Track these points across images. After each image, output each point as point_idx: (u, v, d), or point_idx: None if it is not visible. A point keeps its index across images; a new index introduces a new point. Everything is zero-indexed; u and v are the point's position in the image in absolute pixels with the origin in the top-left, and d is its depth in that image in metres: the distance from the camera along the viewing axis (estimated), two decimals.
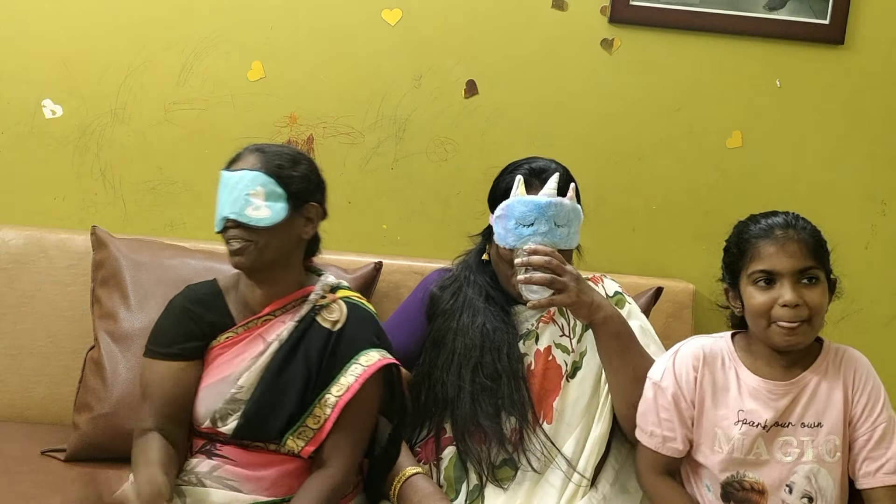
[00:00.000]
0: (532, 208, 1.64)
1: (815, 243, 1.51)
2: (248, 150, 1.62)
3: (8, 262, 2.15)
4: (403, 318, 1.85)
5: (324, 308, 1.65)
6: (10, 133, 2.33)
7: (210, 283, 1.71)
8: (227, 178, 1.57)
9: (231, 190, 1.56)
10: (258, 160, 1.59)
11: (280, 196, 1.57)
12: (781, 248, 1.49)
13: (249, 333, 1.63)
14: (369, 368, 1.59)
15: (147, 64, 2.33)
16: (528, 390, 1.69)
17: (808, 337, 1.52)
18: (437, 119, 2.37)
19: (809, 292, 1.49)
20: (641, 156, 2.41)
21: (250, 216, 1.55)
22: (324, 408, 1.59)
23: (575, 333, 1.77)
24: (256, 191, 1.55)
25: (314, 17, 2.33)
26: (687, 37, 2.37)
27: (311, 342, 1.62)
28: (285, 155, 1.62)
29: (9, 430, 2.02)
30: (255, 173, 1.56)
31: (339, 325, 1.64)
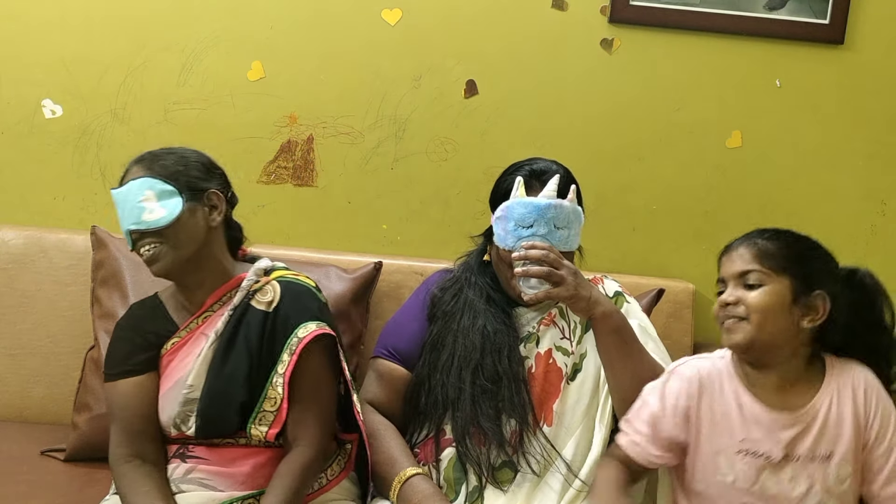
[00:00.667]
0: (531, 210, 1.64)
1: (774, 249, 1.46)
2: (132, 163, 1.63)
3: (8, 262, 2.15)
4: (405, 319, 1.85)
5: (257, 292, 1.65)
6: (10, 133, 2.33)
7: (151, 297, 1.73)
8: (118, 194, 1.58)
9: (124, 204, 1.57)
10: (141, 168, 1.60)
11: (172, 192, 1.58)
12: (728, 256, 1.50)
13: (192, 334, 1.64)
14: (305, 339, 1.60)
15: (147, 64, 2.33)
16: (528, 393, 1.69)
17: (748, 336, 1.44)
18: (437, 119, 2.37)
19: (749, 293, 1.45)
20: (641, 156, 2.41)
21: (147, 220, 1.56)
22: (276, 388, 1.60)
23: (575, 335, 1.77)
24: (146, 195, 1.56)
25: (314, 17, 2.33)
26: (687, 37, 2.37)
27: (249, 327, 1.62)
28: (168, 155, 1.64)
29: (9, 430, 2.02)
30: (141, 180, 1.57)
31: (273, 304, 1.64)
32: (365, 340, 2.16)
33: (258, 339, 1.61)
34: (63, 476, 1.85)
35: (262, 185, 2.38)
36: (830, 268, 1.49)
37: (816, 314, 1.46)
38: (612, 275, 2.00)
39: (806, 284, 1.45)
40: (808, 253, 1.49)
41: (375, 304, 2.20)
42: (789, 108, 2.41)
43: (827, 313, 1.46)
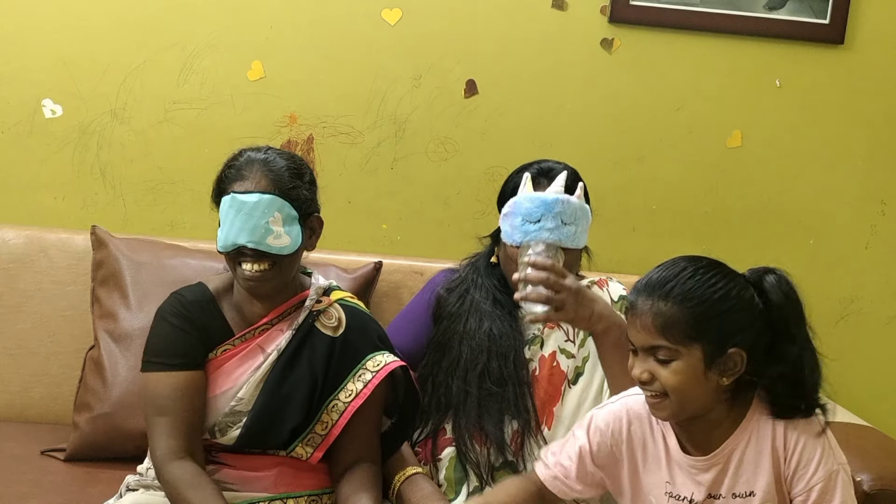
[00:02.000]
0: (538, 204, 1.62)
1: (679, 319, 1.30)
2: (253, 166, 1.55)
3: (8, 262, 2.14)
4: (409, 319, 1.85)
5: (321, 313, 1.63)
6: (10, 133, 2.33)
7: (199, 288, 1.64)
8: (240, 202, 1.50)
9: (247, 217, 1.49)
10: (269, 180, 1.52)
11: (294, 218, 1.53)
12: (633, 322, 1.35)
13: (248, 344, 1.59)
14: (379, 373, 1.59)
15: (147, 64, 2.33)
16: (531, 396, 1.69)
17: (673, 412, 1.35)
18: (437, 119, 2.37)
19: (661, 369, 1.32)
20: (641, 156, 2.41)
21: (272, 245, 1.50)
22: (331, 413, 1.57)
23: (578, 338, 1.77)
24: (275, 217, 1.50)
25: (314, 17, 2.33)
26: (687, 37, 2.37)
27: (313, 350, 1.59)
28: (291, 168, 1.57)
29: (9, 430, 2.02)
30: (271, 198, 1.50)
31: (340, 330, 1.61)
32: None
33: (324, 364, 1.58)
34: (63, 476, 1.85)
35: None
36: (743, 317, 1.33)
37: (734, 369, 1.33)
38: (612, 275, 1.99)
39: (719, 346, 1.31)
40: (717, 311, 1.32)
41: (375, 303, 2.20)
42: (789, 108, 2.41)
43: (744, 365, 1.33)
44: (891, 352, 2.40)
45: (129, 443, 1.89)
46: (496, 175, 2.37)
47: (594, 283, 1.83)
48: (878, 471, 1.76)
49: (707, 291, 1.32)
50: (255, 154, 1.58)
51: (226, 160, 1.60)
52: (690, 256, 1.39)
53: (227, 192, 1.53)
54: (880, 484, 1.75)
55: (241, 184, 1.53)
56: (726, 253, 2.49)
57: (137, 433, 1.89)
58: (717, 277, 1.34)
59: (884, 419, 2.21)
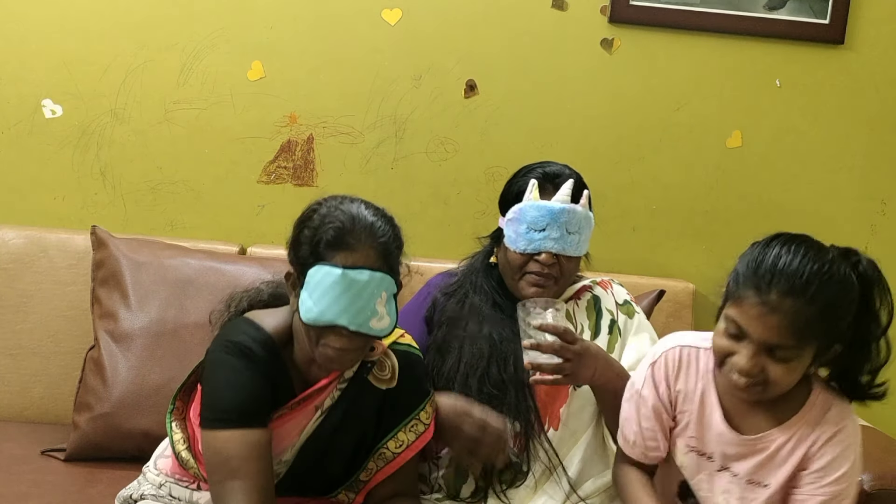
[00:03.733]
0: (545, 213, 1.63)
1: (814, 321, 1.27)
2: (362, 235, 1.38)
3: (8, 262, 2.15)
4: (405, 322, 1.80)
5: (375, 365, 1.50)
6: (10, 133, 2.33)
7: (260, 335, 1.42)
8: (350, 280, 1.34)
9: (356, 297, 1.34)
10: (378, 255, 1.38)
11: (395, 294, 1.41)
12: (762, 317, 1.28)
13: (306, 405, 1.45)
14: (431, 427, 1.52)
15: (147, 64, 2.33)
16: (532, 398, 1.67)
17: (762, 397, 1.36)
18: (437, 119, 2.37)
19: (774, 366, 1.30)
20: (641, 156, 2.41)
21: (375, 328, 1.37)
22: (378, 461, 1.51)
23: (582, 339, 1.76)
24: (381, 298, 1.37)
25: (314, 17, 2.33)
26: (687, 37, 2.37)
27: (364, 404, 1.48)
28: (395, 235, 1.44)
29: (9, 430, 2.02)
30: (381, 276, 1.37)
31: (393, 382, 1.50)
32: None
33: (374, 416, 1.49)
34: (63, 476, 1.85)
35: (262, 185, 2.38)
36: (853, 313, 1.32)
37: (826, 363, 1.37)
38: (613, 275, 1.99)
39: (828, 345, 1.33)
40: (844, 314, 1.31)
41: None
42: (789, 108, 2.41)
43: (835, 357, 1.35)
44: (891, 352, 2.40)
45: (129, 443, 1.89)
46: (496, 175, 2.37)
47: (597, 284, 1.82)
48: (878, 471, 1.77)
49: (844, 297, 1.30)
50: (361, 216, 1.40)
51: (319, 214, 1.40)
52: (808, 241, 1.34)
53: (326, 260, 1.35)
54: (880, 484, 1.76)
55: (349, 255, 1.36)
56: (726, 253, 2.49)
57: (137, 433, 1.89)
58: (843, 277, 1.30)
59: (884, 419, 2.21)
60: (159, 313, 2.00)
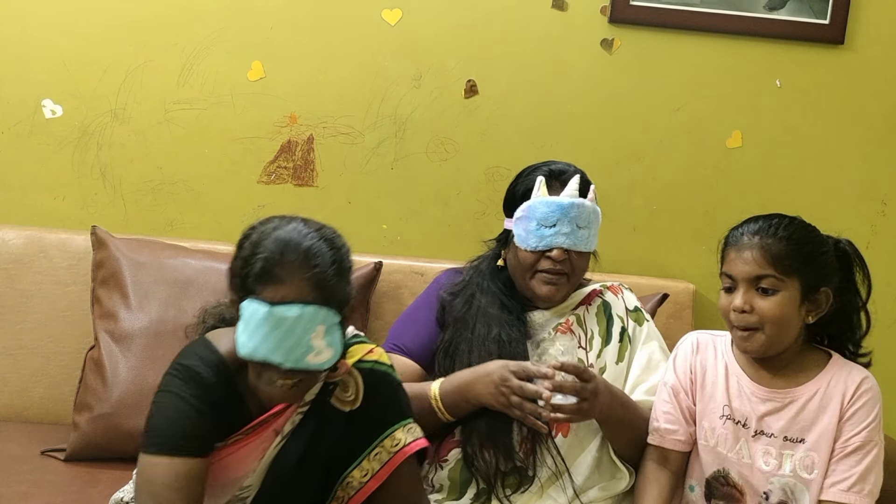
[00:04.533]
0: (555, 209, 1.64)
1: (785, 251, 1.47)
2: (293, 266, 1.28)
3: (8, 262, 2.15)
4: (413, 318, 1.82)
5: (337, 386, 1.42)
6: (10, 133, 2.33)
7: (213, 358, 1.36)
8: (279, 316, 1.26)
9: (287, 334, 1.26)
10: (312, 286, 1.28)
11: (337, 325, 1.31)
12: (739, 255, 1.48)
13: (264, 430, 1.38)
14: (396, 456, 1.42)
15: (147, 64, 2.33)
16: None
17: (764, 345, 1.48)
18: (437, 119, 2.37)
19: (761, 301, 1.46)
20: (641, 156, 2.41)
21: (312, 363, 1.28)
22: (347, 489, 1.43)
23: (592, 346, 1.74)
24: (317, 332, 1.27)
25: (314, 17, 2.33)
26: (687, 37, 2.37)
27: (327, 427, 1.40)
28: (336, 261, 1.32)
29: (9, 430, 2.02)
30: (315, 309, 1.27)
31: (357, 403, 1.41)
32: None
33: (339, 439, 1.41)
34: (63, 476, 1.85)
35: (262, 185, 2.38)
36: (833, 262, 1.52)
37: (820, 309, 1.50)
38: (613, 275, 1.99)
39: (813, 283, 1.48)
40: (817, 251, 1.50)
41: (375, 303, 2.20)
42: (789, 108, 2.41)
43: (829, 306, 1.49)
44: (891, 352, 2.40)
45: (130, 443, 1.88)
46: (496, 175, 2.37)
47: (608, 289, 1.81)
48: None
49: (808, 235, 1.51)
50: (293, 243, 1.31)
51: (250, 242, 1.34)
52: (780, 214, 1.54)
53: (255, 294, 1.28)
54: None
55: (276, 289, 1.27)
56: None
57: (137, 433, 1.86)
58: (811, 227, 1.53)
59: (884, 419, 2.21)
60: (159, 313, 2.00)
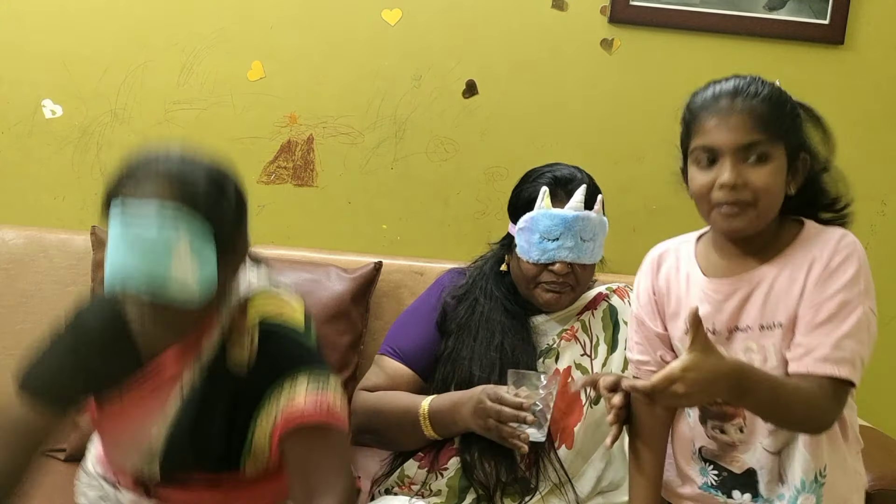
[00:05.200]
0: (558, 222, 1.60)
1: (771, 113, 1.29)
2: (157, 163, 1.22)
3: (8, 262, 2.15)
4: (413, 320, 1.79)
5: (233, 344, 1.31)
6: (10, 133, 2.33)
7: (112, 308, 1.30)
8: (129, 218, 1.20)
9: (137, 242, 1.17)
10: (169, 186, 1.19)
11: (208, 253, 1.21)
12: (723, 121, 1.29)
13: (162, 378, 1.32)
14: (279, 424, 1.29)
15: (147, 64, 2.33)
16: None
17: (754, 222, 1.31)
18: (437, 119, 2.37)
19: (754, 172, 1.28)
20: (641, 156, 2.41)
21: (174, 293, 1.19)
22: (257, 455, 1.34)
23: (597, 353, 1.70)
24: (180, 247, 1.17)
25: (314, 17, 2.33)
26: (687, 37, 2.37)
27: (222, 388, 1.31)
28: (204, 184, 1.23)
29: None
30: (175, 210, 1.19)
31: (249, 364, 1.30)
32: (365, 340, 2.16)
33: (231, 401, 1.31)
34: (63, 476, 1.84)
35: (262, 185, 2.38)
36: (798, 122, 1.35)
37: (798, 177, 1.34)
38: (613, 275, 1.99)
39: (795, 148, 1.33)
40: (795, 111, 1.35)
41: (375, 303, 2.20)
42: None
43: (805, 173, 1.34)
44: (891, 351, 2.40)
45: None
46: (496, 175, 2.37)
47: (614, 292, 1.78)
48: (878, 471, 1.76)
49: (783, 93, 1.34)
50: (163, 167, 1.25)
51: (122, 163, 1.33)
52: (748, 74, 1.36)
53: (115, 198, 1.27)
54: (880, 484, 1.75)
55: (135, 188, 1.24)
56: None
57: None
58: (773, 84, 1.35)
59: (884, 419, 2.21)
60: None
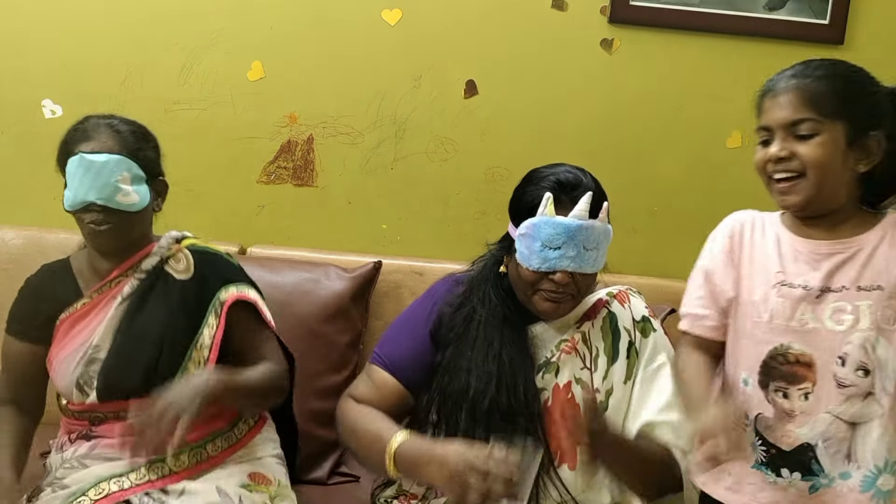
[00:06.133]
0: (561, 231, 1.52)
1: (826, 92, 1.34)
2: (99, 128, 1.60)
3: (8, 262, 2.15)
4: (406, 330, 1.72)
5: (170, 258, 1.69)
6: (10, 133, 2.33)
7: (62, 261, 1.75)
8: (89, 161, 1.55)
9: (97, 175, 1.55)
10: (115, 141, 1.59)
11: (142, 178, 1.61)
12: (775, 101, 1.38)
13: (102, 298, 1.66)
14: (227, 302, 1.66)
15: (147, 64, 2.33)
16: (543, 430, 1.57)
17: (809, 195, 1.35)
18: (437, 119, 2.37)
19: (802, 145, 1.34)
20: (641, 156, 2.41)
21: (121, 202, 1.57)
22: (201, 350, 1.64)
23: (597, 366, 1.64)
24: (123, 176, 1.57)
25: (314, 17, 2.33)
26: (687, 37, 2.37)
27: (166, 293, 1.66)
28: (136, 132, 1.64)
29: None
30: (120, 158, 1.57)
31: (189, 272, 1.69)
32: (364, 340, 2.16)
33: (179, 304, 1.65)
34: None
35: (262, 185, 2.38)
36: (885, 102, 1.38)
37: (871, 156, 1.36)
38: (613, 275, 1.99)
39: (861, 127, 1.35)
40: (863, 91, 1.37)
41: (375, 303, 2.20)
42: None
43: (881, 154, 1.36)
44: None
45: None
46: (496, 175, 2.37)
47: (614, 298, 1.72)
48: None
49: (852, 74, 1.38)
50: (101, 119, 1.63)
51: (70, 126, 1.64)
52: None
53: (73, 153, 1.58)
54: None
55: (88, 144, 1.58)
56: None
57: None
58: (857, 67, 1.40)
59: None
60: None
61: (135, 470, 1.57)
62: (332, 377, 2.05)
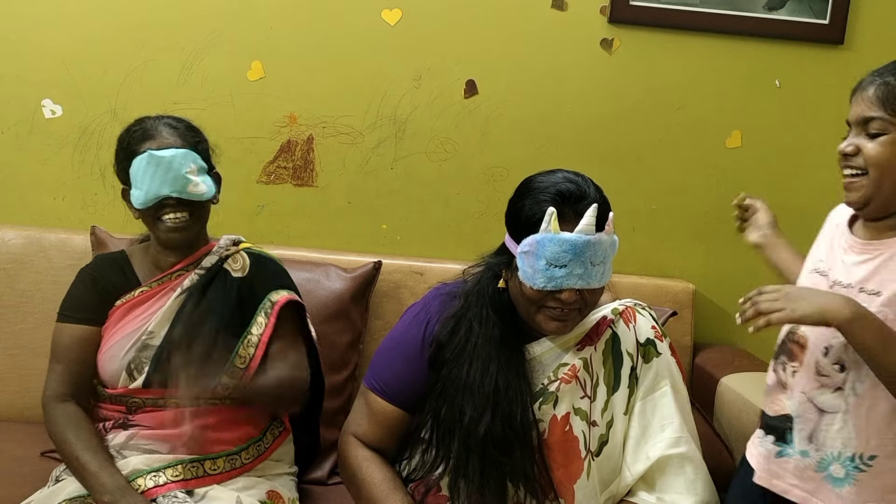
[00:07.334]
0: (567, 248, 1.42)
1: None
2: (158, 127, 1.66)
3: (8, 262, 2.15)
4: (397, 354, 1.62)
5: (229, 258, 1.76)
6: (10, 133, 2.33)
7: (118, 252, 1.81)
8: (158, 158, 1.60)
9: (167, 169, 1.60)
10: (177, 136, 1.66)
11: (205, 169, 1.68)
12: (856, 97, 1.41)
13: (162, 288, 1.71)
14: (279, 302, 1.73)
15: (147, 64, 2.33)
16: (541, 461, 1.51)
17: (868, 194, 1.37)
18: (437, 119, 2.37)
19: (869, 143, 1.37)
20: (641, 156, 2.41)
21: (193, 193, 1.63)
22: (248, 348, 1.69)
23: (596, 396, 1.56)
24: (191, 168, 1.63)
25: (314, 17, 2.33)
26: (687, 37, 2.37)
27: (222, 289, 1.73)
28: (191, 127, 1.71)
29: (9, 430, 2.02)
30: (186, 151, 1.63)
31: (245, 272, 1.76)
32: (364, 340, 2.16)
33: (233, 302, 1.72)
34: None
35: (262, 185, 2.38)
36: None
37: None
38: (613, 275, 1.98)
39: None
40: None
41: (375, 303, 2.20)
42: (789, 108, 2.41)
43: None
44: None
45: None
46: (496, 175, 2.38)
47: (620, 316, 1.63)
48: None
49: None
50: (155, 119, 1.70)
51: (123, 130, 1.70)
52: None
53: (139, 153, 1.62)
54: None
55: (153, 142, 1.64)
56: (726, 253, 2.50)
57: None
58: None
59: None
60: None
61: (172, 466, 1.60)
62: (333, 377, 2.04)
